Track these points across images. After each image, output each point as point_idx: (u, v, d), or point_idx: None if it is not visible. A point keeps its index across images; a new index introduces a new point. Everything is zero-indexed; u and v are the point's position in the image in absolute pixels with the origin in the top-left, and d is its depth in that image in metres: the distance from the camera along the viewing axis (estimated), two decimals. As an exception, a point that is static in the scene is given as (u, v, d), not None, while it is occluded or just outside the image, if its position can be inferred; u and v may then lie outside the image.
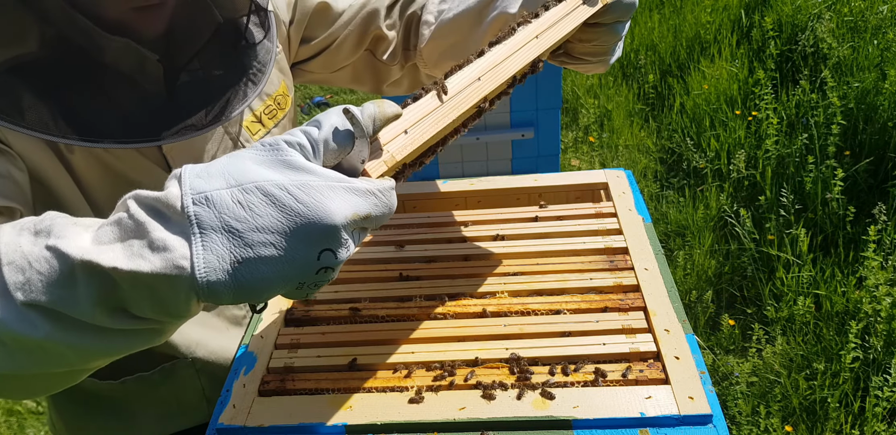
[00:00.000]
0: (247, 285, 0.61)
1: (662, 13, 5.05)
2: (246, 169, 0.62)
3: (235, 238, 0.60)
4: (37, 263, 0.63)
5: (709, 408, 0.87)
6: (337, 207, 0.61)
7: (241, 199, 0.60)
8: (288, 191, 0.60)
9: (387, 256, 1.24)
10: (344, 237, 0.63)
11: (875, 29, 3.72)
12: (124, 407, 1.28)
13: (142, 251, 0.60)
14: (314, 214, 0.60)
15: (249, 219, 0.60)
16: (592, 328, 1.03)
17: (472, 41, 1.19)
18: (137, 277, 0.60)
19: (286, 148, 0.63)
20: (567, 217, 1.31)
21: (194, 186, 0.61)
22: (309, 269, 0.63)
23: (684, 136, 3.96)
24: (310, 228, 0.61)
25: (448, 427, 0.89)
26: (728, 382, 2.59)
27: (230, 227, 0.60)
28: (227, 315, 1.29)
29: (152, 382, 1.25)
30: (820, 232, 3.00)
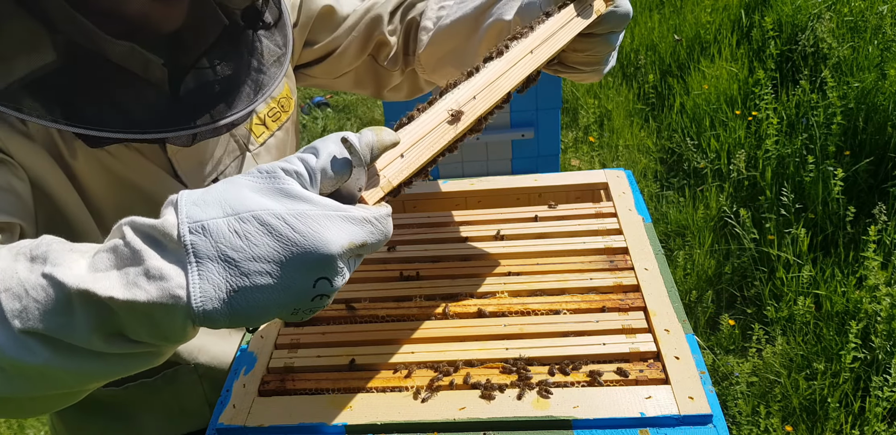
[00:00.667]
0: (242, 313, 0.61)
1: (662, 13, 5.05)
2: (243, 197, 0.62)
3: (232, 267, 0.60)
4: (33, 290, 0.62)
5: (709, 408, 0.87)
6: (334, 237, 0.62)
7: (237, 228, 0.60)
8: (285, 220, 0.61)
9: (386, 256, 1.24)
10: (340, 266, 0.63)
11: (875, 29, 3.72)
12: (126, 412, 1.28)
13: (138, 280, 0.60)
14: (311, 244, 0.61)
15: (246, 248, 0.60)
16: (592, 328, 1.03)
17: (469, 47, 1.19)
18: (134, 306, 0.60)
19: (283, 176, 0.63)
20: (567, 217, 1.31)
21: (191, 215, 0.61)
22: (304, 296, 0.63)
23: (684, 136, 3.96)
24: (306, 257, 0.61)
25: (448, 427, 0.89)
26: (728, 382, 2.59)
27: (227, 256, 0.60)
28: None
29: (155, 388, 1.25)
30: (820, 232, 3.00)
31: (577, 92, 4.65)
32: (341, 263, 0.63)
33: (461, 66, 1.21)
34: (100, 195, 1.03)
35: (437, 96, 0.86)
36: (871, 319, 2.49)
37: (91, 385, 0.70)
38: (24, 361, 0.63)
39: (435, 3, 1.26)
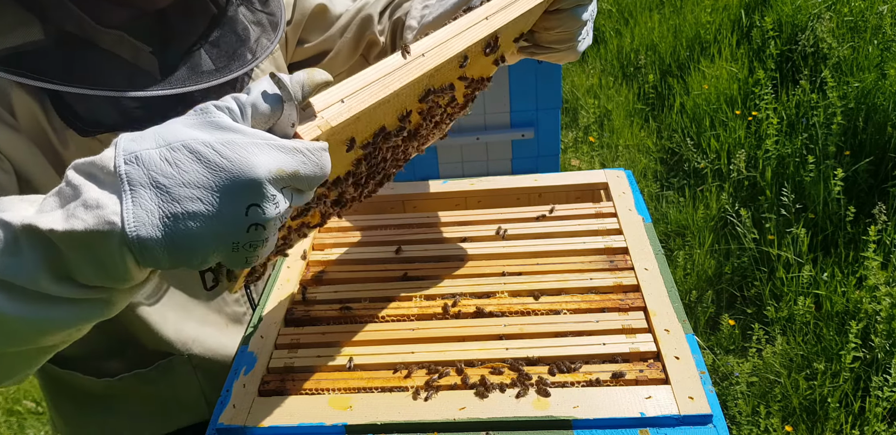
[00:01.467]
0: (178, 242, 0.62)
1: (662, 13, 5.05)
2: (175, 130, 0.64)
3: (164, 193, 0.61)
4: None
5: (709, 408, 0.87)
6: (261, 162, 0.62)
7: (168, 156, 0.62)
8: (213, 147, 0.62)
9: (387, 256, 1.24)
10: (270, 193, 0.64)
11: (875, 29, 3.72)
12: (123, 405, 1.28)
13: (76, 211, 0.61)
14: (237, 169, 0.62)
15: (176, 175, 0.61)
16: (592, 328, 1.03)
17: None
18: (73, 237, 0.61)
19: (214, 111, 0.65)
20: (567, 217, 1.31)
21: (126, 148, 0.63)
22: (238, 225, 0.63)
23: (684, 136, 3.96)
24: (234, 181, 0.62)
25: (448, 427, 0.89)
26: (728, 382, 2.59)
27: (158, 183, 0.61)
28: (228, 312, 1.28)
29: (149, 379, 1.25)
30: (820, 232, 3.00)
31: (578, 92, 4.65)
32: (272, 189, 0.64)
33: None
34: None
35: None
36: (871, 319, 2.49)
37: (47, 339, 0.70)
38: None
39: (419, 3, 1.26)
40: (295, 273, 1.21)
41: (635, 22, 5.09)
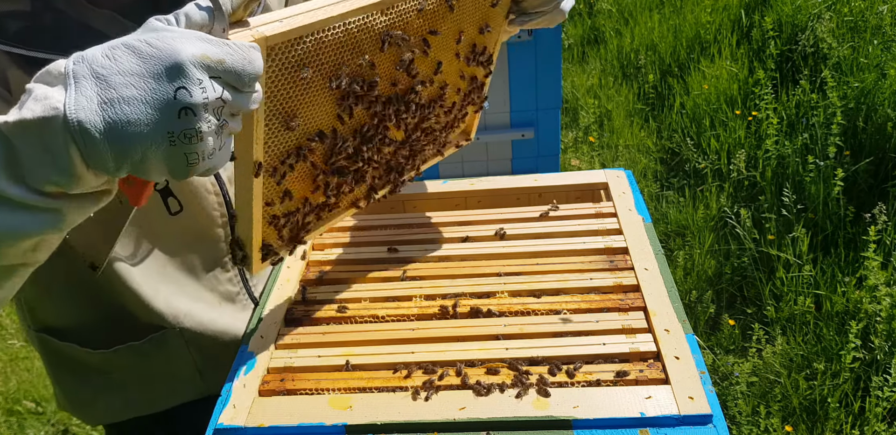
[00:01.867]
0: (116, 130, 0.68)
1: (662, 13, 5.05)
2: (119, 38, 0.72)
3: (102, 82, 0.69)
4: None
5: (709, 408, 0.87)
6: (185, 47, 0.70)
7: (108, 53, 0.70)
8: (146, 41, 0.70)
9: (387, 255, 1.24)
10: (196, 76, 0.70)
11: (875, 29, 3.72)
12: (120, 380, 1.30)
13: (27, 105, 0.69)
14: (164, 54, 0.69)
15: (113, 66, 0.69)
16: (592, 328, 1.03)
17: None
18: (23, 125, 0.68)
19: (153, 21, 0.73)
20: (567, 217, 1.31)
21: (76, 55, 0.71)
22: (168, 108, 0.69)
23: (684, 137, 3.96)
24: (161, 65, 0.69)
25: (448, 427, 0.89)
26: (728, 382, 2.59)
27: (97, 73, 0.69)
28: (220, 290, 1.29)
29: (143, 352, 1.26)
30: (820, 232, 3.00)
31: (577, 92, 4.65)
32: (197, 73, 0.70)
33: None
34: None
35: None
36: (871, 319, 2.49)
37: (3, 252, 0.74)
38: None
39: None
40: (295, 273, 1.21)
41: (635, 22, 5.09)
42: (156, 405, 1.34)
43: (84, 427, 2.82)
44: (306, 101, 0.92)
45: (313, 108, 0.95)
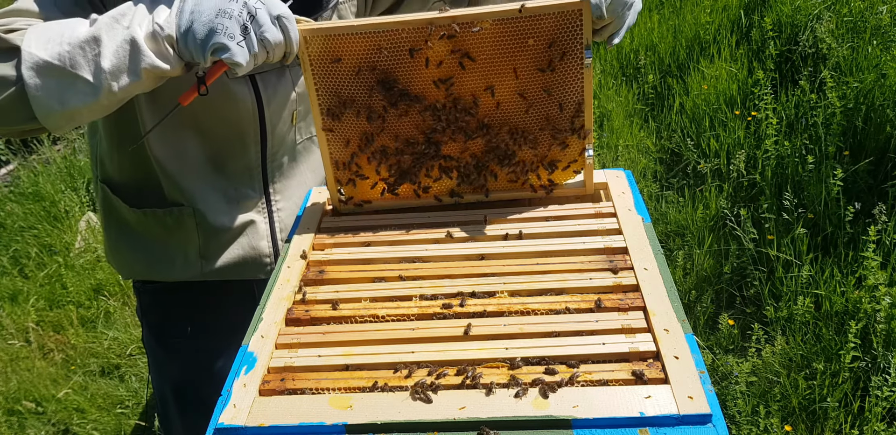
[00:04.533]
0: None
1: (662, 13, 5.05)
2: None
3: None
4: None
5: (708, 407, 0.87)
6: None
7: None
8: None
9: (387, 255, 1.25)
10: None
11: (874, 29, 3.72)
12: (148, 245, 1.57)
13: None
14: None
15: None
16: (592, 328, 1.03)
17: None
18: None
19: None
20: (567, 217, 1.31)
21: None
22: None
23: (684, 137, 3.96)
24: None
25: (448, 427, 0.89)
26: (727, 381, 2.59)
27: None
28: (241, 192, 1.53)
29: (164, 224, 1.53)
30: (819, 232, 3.00)
31: (577, 92, 4.65)
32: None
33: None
34: None
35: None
36: (870, 319, 2.49)
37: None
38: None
39: None
40: (295, 273, 1.21)
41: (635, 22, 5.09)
42: (166, 274, 1.58)
43: (84, 427, 2.82)
44: (347, 85, 1.25)
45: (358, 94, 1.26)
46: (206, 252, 1.56)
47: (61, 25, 1.13)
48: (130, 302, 3.53)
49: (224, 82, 1.37)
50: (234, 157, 1.50)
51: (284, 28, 1.14)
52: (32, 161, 4.73)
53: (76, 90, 1.11)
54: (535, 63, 1.23)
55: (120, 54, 1.10)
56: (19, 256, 3.89)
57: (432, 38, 1.18)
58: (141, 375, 3.08)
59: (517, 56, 1.22)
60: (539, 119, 1.28)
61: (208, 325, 1.61)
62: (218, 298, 1.62)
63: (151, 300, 1.70)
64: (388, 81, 1.23)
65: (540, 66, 1.23)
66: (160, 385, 1.80)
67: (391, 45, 1.20)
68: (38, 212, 4.15)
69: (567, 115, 1.27)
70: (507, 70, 1.23)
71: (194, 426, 1.68)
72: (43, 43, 1.09)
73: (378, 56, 1.21)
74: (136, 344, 3.24)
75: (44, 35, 1.10)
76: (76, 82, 1.11)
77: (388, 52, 1.20)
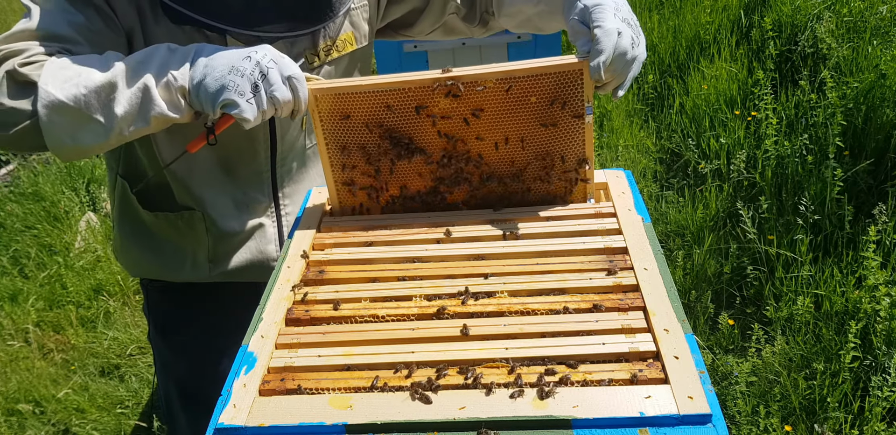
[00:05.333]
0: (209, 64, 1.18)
1: (662, 14, 5.05)
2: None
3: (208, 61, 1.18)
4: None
5: (708, 407, 0.87)
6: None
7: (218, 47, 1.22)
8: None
9: (387, 255, 1.25)
10: (264, 53, 1.18)
11: (874, 29, 3.72)
12: (159, 245, 1.58)
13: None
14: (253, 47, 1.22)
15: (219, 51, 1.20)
16: (592, 328, 1.03)
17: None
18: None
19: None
20: (567, 217, 1.31)
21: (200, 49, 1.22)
22: (239, 55, 1.17)
23: (684, 137, 3.96)
24: (248, 49, 1.20)
25: (448, 427, 0.89)
26: (727, 381, 2.60)
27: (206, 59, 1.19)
28: (251, 196, 1.55)
29: (176, 226, 1.55)
30: (820, 232, 3.00)
31: (577, 92, 4.65)
32: (265, 53, 1.18)
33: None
34: None
35: None
36: (870, 319, 2.49)
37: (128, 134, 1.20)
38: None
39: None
40: (295, 273, 1.21)
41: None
42: (175, 275, 1.60)
43: (84, 427, 2.82)
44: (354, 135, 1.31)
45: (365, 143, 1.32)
46: (216, 256, 1.58)
47: (79, 65, 1.16)
48: (130, 302, 3.53)
49: None
50: (244, 163, 1.52)
51: (294, 88, 1.19)
52: (32, 161, 4.73)
53: (88, 130, 1.17)
54: (538, 119, 1.28)
55: (133, 101, 1.15)
56: (19, 256, 3.89)
57: (438, 95, 1.24)
58: (141, 375, 3.08)
59: (520, 112, 1.27)
60: (540, 170, 1.34)
61: (214, 324, 1.62)
62: (225, 298, 1.63)
63: (159, 298, 1.72)
64: (395, 136, 1.29)
65: (542, 122, 1.28)
66: (165, 382, 1.81)
67: (398, 102, 1.26)
68: (38, 212, 4.15)
69: (569, 166, 1.33)
70: (509, 125, 1.28)
71: (198, 424, 1.69)
72: (60, 82, 1.13)
73: (386, 113, 1.27)
74: (136, 344, 3.25)
75: (61, 74, 1.14)
76: (89, 123, 1.16)
77: (395, 110, 1.26)
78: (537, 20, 1.51)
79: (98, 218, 4.12)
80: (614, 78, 1.23)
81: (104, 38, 1.28)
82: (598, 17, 1.22)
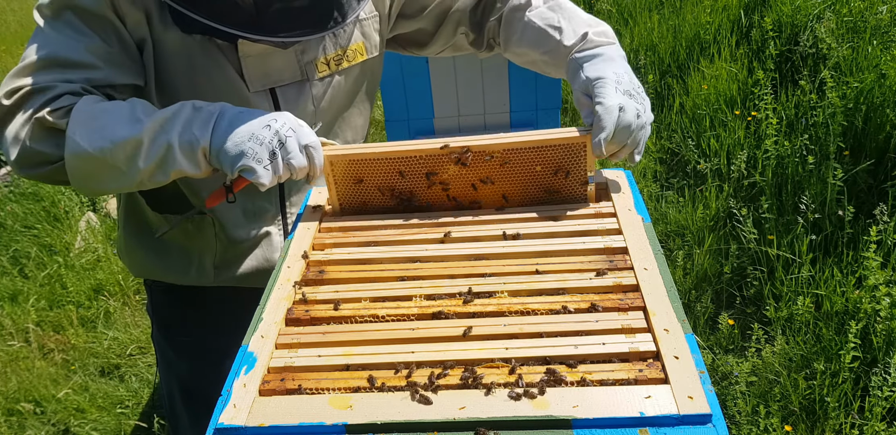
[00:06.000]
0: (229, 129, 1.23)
1: (662, 13, 5.05)
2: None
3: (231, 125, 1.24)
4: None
5: (708, 407, 0.87)
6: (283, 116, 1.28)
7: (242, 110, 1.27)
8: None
9: (387, 255, 1.25)
10: (283, 121, 1.25)
11: (874, 29, 3.72)
12: (165, 247, 1.59)
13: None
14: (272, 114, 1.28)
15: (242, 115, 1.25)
16: (592, 328, 1.03)
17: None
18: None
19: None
20: (567, 217, 1.31)
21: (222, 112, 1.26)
22: (260, 123, 1.23)
23: (684, 137, 3.96)
24: (270, 116, 1.25)
25: (448, 427, 0.89)
26: (727, 381, 2.60)
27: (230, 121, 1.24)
28: (258, 204, 1.56)
29: (186, 230, 1.55)
30: (820, 232, 3.00)
31: (577, 92, 4.65)
32: (285, 121, 1.24)
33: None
34: (172, 71, 1.36)
35: None
36: (870, 319, 2.49)
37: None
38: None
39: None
40: (295, 273, 1.21)
41: (635, 22, 5.10)
42: (179, 278, 1.61)
43: (84, 427, 2.82)
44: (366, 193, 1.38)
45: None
46: (222, 262, 1.59)
47: (106, 116, 1.21)
48: (130, 302, 3.53)
49: (245, 96, 1.41)
50: None
51: (311, 156, 1.26)
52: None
53: (110, 177, 1.24)
54: (542, 186, 1.34)
55: (156, 157, 1.21)
56: (19, 256, 3.89)
57: (447, 163, 1.32)
58: (141, 375, 3.08)
59: (525, 179, 1.34)
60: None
61: (218, 325, 1.62)
62: (229, 300, 1.64)
63: (163, 298, 1.72)
64: (405, 198, 1.37)
65: (546, 189, 1.35)
66: (168, 381, 1.82)
67: (410, 169, 1.33)
68: (38, 212, 4.15)
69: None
70: (515, 189, 1.35)
71: (200, 423, 1.70)
72: (87, 133, 1.19)
73: (398, 178, 1.34)
74: (136, 344, 3.25)
75: (88, 125, 1.20)
76: (112, 172, 1.23)
77: (407, 175, 1.34)
78: (542, 66, 1.54)
79: (98, 218, 4.12)
80: (625, 146, 1.28)
81: (120, 57, 1.30)
82: (599, 93, 1.27)
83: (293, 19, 1.30)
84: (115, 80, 1.30)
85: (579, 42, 1.40)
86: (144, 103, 1.26)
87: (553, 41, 1.45)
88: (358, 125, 1.66)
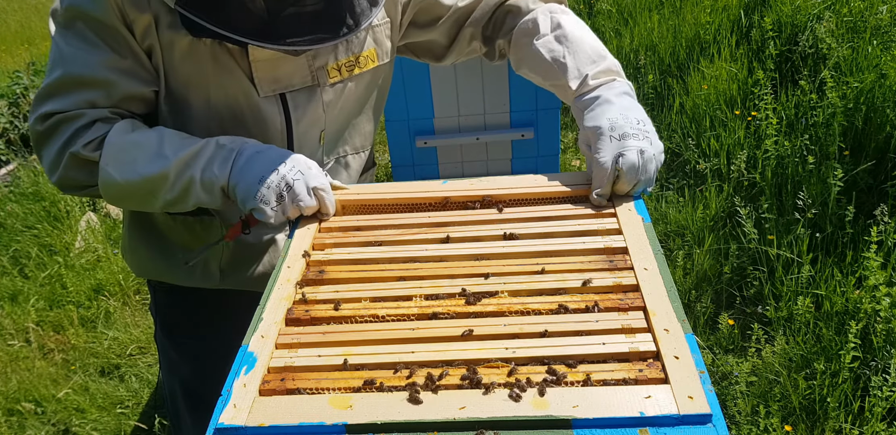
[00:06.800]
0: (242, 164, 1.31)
1: (662, 14, 5.05)
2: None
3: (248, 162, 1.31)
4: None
5: (708, 407, 0.87)
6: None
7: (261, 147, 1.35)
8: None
9: (387, 255, 1.25)
10: (293, 164, 1.32)
11: (874, 29, 3.72)
12: (171, 248, 1.59)
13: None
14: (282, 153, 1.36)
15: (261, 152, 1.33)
16: (592, 328, 1.03)
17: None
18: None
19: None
20: (567, 217, 1.31)
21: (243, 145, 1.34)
22: (272, 167, 1.30)
23: (684, 137, 3.96)
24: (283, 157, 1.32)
25: (448, 427, 0.89)
26: (727, 381, 2.60)
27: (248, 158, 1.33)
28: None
29: (194, 231, 1.56)
30: (820, 232, 3.00)
31: (577, 92, 4.64)
32: (294, 164, 1.31)
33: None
34: (182, 75, 1.35)
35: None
36: (870, 319, 2.49)
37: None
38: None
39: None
40: (295, 273, 1.21)
41: (635, 22, 5.10)
42: (183, 281, 1.62)
43: (84, 427, 2.82)
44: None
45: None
46: (228, 266, 1.60)
47: (136, 150, 1.30)
48: (130, 302, 3.53)
49: (254, 101, 1.40)
50: None
51: (321, 198, 1.32)
52: (32, 161, 4.73)
53: (140, 202, 1.38)
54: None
55: (179, 190, 1.31)
56: (19, 256, 3.89)
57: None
58: (141, 375, 3.08)
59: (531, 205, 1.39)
60: None
61: (221, 325, 1.62)
62: (233, 302, 1.63)
63: (166, 299, 1.72)
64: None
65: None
66: (170, 381, 1.82)
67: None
68: (38, 212, 4.15)
69: None
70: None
71: (202, 423, 1.70)
72: (118, 165, 1.30)
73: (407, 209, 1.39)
74: (136, 344, 3.25)
75: (119, 159, 1.30)
76: (141, 198, 1.36)
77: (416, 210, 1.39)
78: (551, 90, 1.56)
79: (98, 218, 4.12)
80: (639, 181, 1.30)
81: (133, 67, 1.34)
82: (596, 148, 1.31)
83: (306, 25, 1.29)
84: (134, 91, 1.35)
85: (581, 86, 1.42)
86: (171, 136, 1.33)
87: (558, 78, 1.46)
88: (367, 131, 1.64)
